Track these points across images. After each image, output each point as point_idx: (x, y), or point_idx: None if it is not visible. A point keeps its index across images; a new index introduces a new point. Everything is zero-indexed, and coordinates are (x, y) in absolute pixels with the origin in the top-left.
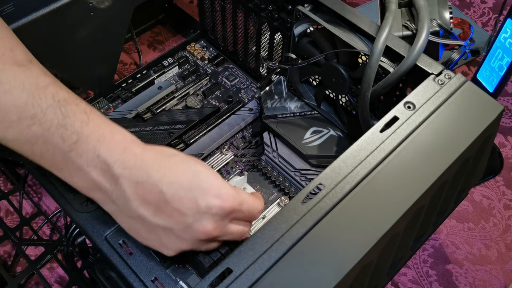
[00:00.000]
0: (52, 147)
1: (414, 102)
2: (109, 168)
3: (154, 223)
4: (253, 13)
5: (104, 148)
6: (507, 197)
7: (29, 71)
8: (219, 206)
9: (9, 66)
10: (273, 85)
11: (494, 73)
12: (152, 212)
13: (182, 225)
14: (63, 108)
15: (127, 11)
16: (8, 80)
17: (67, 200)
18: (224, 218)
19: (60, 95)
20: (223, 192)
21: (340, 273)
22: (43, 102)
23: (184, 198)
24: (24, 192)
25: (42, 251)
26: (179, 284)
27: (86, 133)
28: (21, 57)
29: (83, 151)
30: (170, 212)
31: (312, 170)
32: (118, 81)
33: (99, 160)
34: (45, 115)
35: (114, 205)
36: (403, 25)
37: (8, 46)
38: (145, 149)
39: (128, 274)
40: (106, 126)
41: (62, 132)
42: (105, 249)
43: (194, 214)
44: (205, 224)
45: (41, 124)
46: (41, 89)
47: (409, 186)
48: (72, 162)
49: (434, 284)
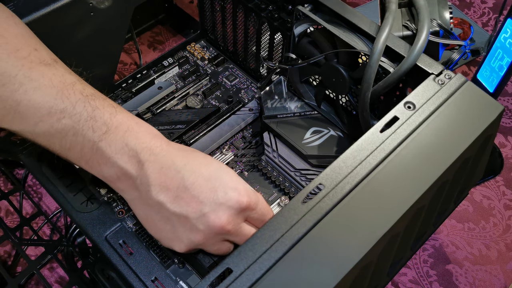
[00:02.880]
0: (82, 138)
1: (414, 102)
2: (136, 154)
3: (171, 210)
4: (253, 13)
5: (132, 137)
6: (507, 197)
7: (55, 69)
8: (237, 199)
9: (36, 65)
10: (273, 85)
11: (494, 73)
12: (171, 198)
13: (198, 213)
14: (91, 101)
15: (127, 11)
16: (37, 77)
17: (67, 200)
18: (239, 213)
19: (87, 91)
20: (241, 187)
21: (340, 273)
22: (72, 97)
23: (204, 186)
24: (24, 192)
25: (42, 251)
26: (179, 284)
27: (115, 124)
28: (46, 57)
29: (112, 141)
30: (188, 199)
31: (312, 170)
32: (118, 81)
33: (128, 147)
34: (74, 109)
35: (136, 192)
36: (403, 25)
37: (32, 46)
38: (169, 142)
39: (128, 274)
40: (132, 118)
41: (92, 124)
42: (105, 249)
43: (211, 204)
44: (221, 215)
45: (71, 117)
46: (69, 85)
47: (409, 186)
48: (101, 152)
49: (434, 284)
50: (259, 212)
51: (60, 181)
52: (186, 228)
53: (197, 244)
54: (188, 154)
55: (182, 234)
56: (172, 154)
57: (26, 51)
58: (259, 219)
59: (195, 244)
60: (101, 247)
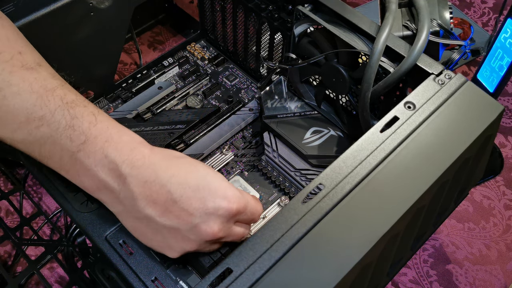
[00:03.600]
0: (60, 148)
1: (414, 102)
2: (117, 168)
3: (161, 224)
4: (253, 13)
5: (112, 148)
6: (507, 197)
7: (38, 74)
8: (226, 207)
9: (18, 69)
10: (273, 85)
11: (494, 73)
12: (159, 212)
13: (189, 225)
14: (71, 109)
15: (127, 11)
16: (17, 82)
17: (67, 200)
18: (230, 219)
19: (68, 97)
20: (230, 194)
21: (340, 273)
22: (52, 104)
23: (192, 198)
24: (24, 192)
25: (42, 251)
26: (179, 284)
27: (94, 134)
28: (30, 60)
29: (91, 152)
30: (177, 212)
31: (312, 170)
32: (118, 81)
33: (107, 160)
34: (53, 116)
35: (120, 206)
36: (403, 25)
37: (17, 49)
38: (153, 150)
39: (128, 274)
40: (113, 127)
41: (70, 133)
42: (105, 249)
43: (202, 215)
44: (212, 225)
45: (49, 125)
46: (49, 91)
47: (409, 186)
48: (80, 162)
49: (434, 284)
50: (248, 213)
51: (60, 181)
52: (178, 239)
53: (190, 251)
54: (172, 164)
55: (173, 244)
56: (156, 166)
57: (8, 54)
58: (249, 219)
59: (188, 251)
60: (101, 247)
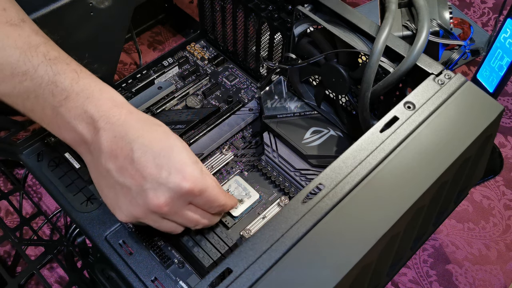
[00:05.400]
0: (43, 102)
1: (414, 102)
2: (93, 121)
3: (115, 179)
4: (253, 13)
5: (92, 105)
6: (507, 197)
7: (22, 30)
8: (178, 183)
9: (2, 25)
10: (273, 85)
11: (494, 73)
12: (117, 167)
13: (139, 188)
14: (53, 66)
15: (127, 11)
16: (1, 38)
17: (67, 200)
18: (180, 197)
19: (51, 54)
20: (188, 171)
21: (340, 273)
22: (35, 60)
23: (150, 162)
24: (24, 192)
25: (42, 251)
26: (179, 284)
27: (76, 91)
28: (14, 17)
29: (72, 107)
30: (132, 172)
31: (312, 170)
32: (118, 81)
33: (86, 115)
34: (36, 72)
35: (90, 156)
36: (403, 25)
37: (1, 5)
38: (132, 111)
39: (128, 274)
40: (96, 85)
41: (53, 89)
42: (105, 249)
43: (153, 182)
44: (159, 195)
45: (32, 80)
46: (33, 47)
47: (409, 186)
48: (61, 116)
49: (434, 284)
50: (204, 199)
51: (60, 181)
52: (127, 199)
53: (136, 217)
54: (145, 127)
55: (122, 205)
56: (128, 125)
57: None
58: (205, 205)
59: (135, 217)
60: (101, 247)
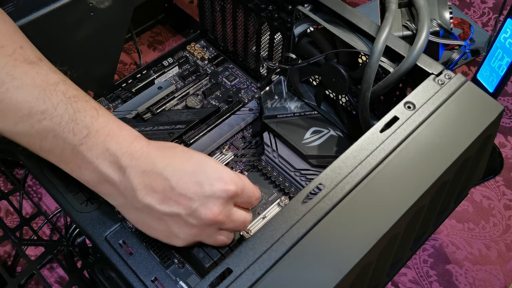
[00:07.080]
0: (62, 141)
1: (414, 102)
2: (117, 160)
3: (162, 211)
4: (253, 13)
5: (113, 142)
6: (507, 197)
7: (40, 68)
8: (224, 189)
9: (20, 63)
10: (273, 85)
11: (494, 73)
12: (159, 200)
13: (189, 210)
14: (74, 104)
15: (127, 11)
16: (20, 76)
17: (67, 200)
18: (228, 201)
19: (70, 92)
20: (225, 176)
21: (340, 273)
22: (54, 98)
23: (189, 183)
24: (24, 192)
25: (42, 251)
26: (179, 284)
27: (96, 128)
28: (31, 55)
29: (93, 145)
30: (176, 198)
31: (312, 170)
32: (118, 81)
33: (108, 152)
34: (56, 110)
35: (121, 197)
36: (403, 25)
37: (18, 43)
38: (149, 142)
39: (128, 274)
40: (114, 122)
41: (73, 127)
42: (105, 249)
43: (200, 198)
44: (211, 207)
45: (52, 119)
46: (52, 85)
47: (409, 186)
48: (81, 156)
49: (434, 284)
50: (246, 195)
51: (60, 181)
52: (180, 225)
53: (194, 237)
54: (167, 153)
55: (177, 231)
56: (152, 156)
57: (11, 48)
58: (246, 202)
59: (193, 237)
60: (101, 247)
